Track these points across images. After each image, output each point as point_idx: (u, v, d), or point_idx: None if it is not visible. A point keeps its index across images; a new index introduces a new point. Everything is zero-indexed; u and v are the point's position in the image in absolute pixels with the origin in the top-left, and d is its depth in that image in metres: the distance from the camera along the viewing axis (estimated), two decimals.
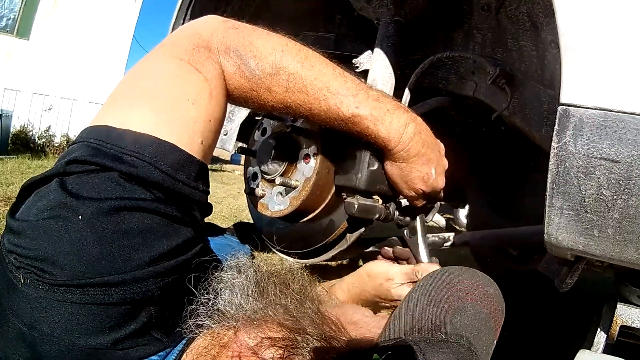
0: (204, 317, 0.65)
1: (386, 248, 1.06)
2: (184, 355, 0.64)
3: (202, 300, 0.66)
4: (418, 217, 1.01)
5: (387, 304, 0.99)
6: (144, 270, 0.60)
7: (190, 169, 0.67)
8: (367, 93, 0.79)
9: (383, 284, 0.97)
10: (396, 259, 1.05)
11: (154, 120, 0.65)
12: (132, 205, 0.60)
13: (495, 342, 0.63)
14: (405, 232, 1.02)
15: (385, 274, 0.97)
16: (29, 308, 0.57)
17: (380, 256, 1.07)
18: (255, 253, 1.11)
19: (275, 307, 0.65)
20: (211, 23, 0.76)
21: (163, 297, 0.63)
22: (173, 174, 0.64)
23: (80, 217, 0.57)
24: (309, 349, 0.59)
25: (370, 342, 0.62)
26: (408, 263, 1.01)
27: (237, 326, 0.64)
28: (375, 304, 1.00)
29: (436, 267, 0.92)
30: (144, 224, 0.61)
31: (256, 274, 0.71)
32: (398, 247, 1.05)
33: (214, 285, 0.68)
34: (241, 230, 1.32)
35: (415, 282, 0.90)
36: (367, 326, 0.70)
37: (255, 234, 1.30)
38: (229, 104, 0.79)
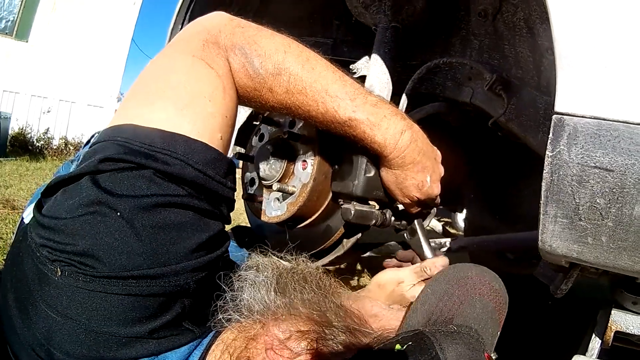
0: (232, 312, 0.69)
1: (387, 260, 1.06)
2: (213, 347, 0.69)
3: (229, 296, 0.70)
4: (416, 220, 1.01)
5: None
6: (183, 264, 0.63)
7: (220, 166, 0.69)
8: (366, 98, 0.80)
9: (395, 290, 0.96)
10: (401, 261, 1.05)
11: (176, 117, 0.67)
12: (168, 201, 0.62)
13: (499, 332, 0.69)
14: (405, 235, 1.02)
15: (395, 279, 0.97)
16: (65, 299, 0.59)
17: (385, 266, 1.07)
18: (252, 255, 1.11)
19: (301, 302, 0.70)
20: (218, 20, 0.77)
21: (196, 290, 0.66)
22: (205, 170, 0.66)
23: (118, 213, 0.59)
24: (336, 341, 0.64)
25: (392, 333, 0.67)
26: (413, 264, 1.01)
27: (264, 320, 0.68)
28: None
29: (444, 259, 0.92)
30: (179, 219, 0.63)
31: (275, 271, 0.76)
32: (400, 251, 1.06)
33: (237, 283, 0.72)
34: (239, 235, 1.32)
35: (427, 279, 0.92)
36: (386, 318, 0.76)
37: (253, 238, 1.30)
38: None
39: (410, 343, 0.59)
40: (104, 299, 0.59)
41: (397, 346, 0.59)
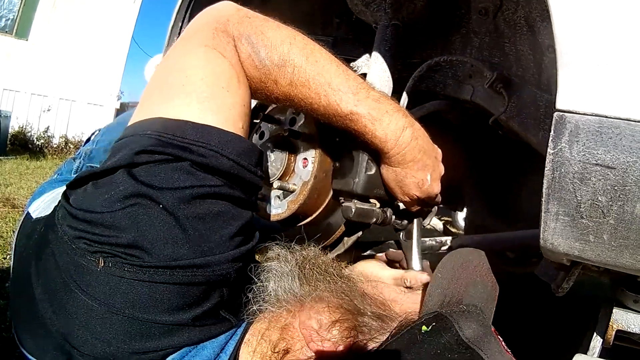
0: (263, 302, 0.73)
1: (380, 254, 1.07)
2: (247, 336, 0.72)
3: (258, 287, 0.74)
4: (415, 221, 1.01)
5: None
6: (225, 254, 0.66)
7: (252, 156, 0.71)
8: (368, 93, 0.80)
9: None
10: (390, 261, 1.07)
11: (200, 110, 0.68)
12: (206, 192, 0.64)
13: (494, 307, 0.77)
14: (401, 235, 1.02)
15: (375, 278, 0.97)
16: (108, 289, 0.61)
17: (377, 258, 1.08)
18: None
19: (328, 291, 0.73)
20: (226, 9, 0.78)
21: (234, 280, 0.69)
22: (239, 161, 0.68)
23: (161, 205, 0.61)
24: (370, 327, 0.69)
25: (414, 316, 0.73)
26: (400, 265, 1.03)
27: (292, 309, 0.72)
28: None
29: (425, 275, 0.92)
30: (217, 208, 0.66)
31: (297, 261, 0.79)
32: (391, 249, 1.06)
33: (264, 274, 0.76)
34: None
35: (406, 287, 0.93)
36: (405, 302, 0.81)
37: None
38: None
39: (434, 324, 0.66)
40: (149, 287, 0.61)
41: (424, 327, 0.66)
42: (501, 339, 0.69)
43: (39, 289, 0.66)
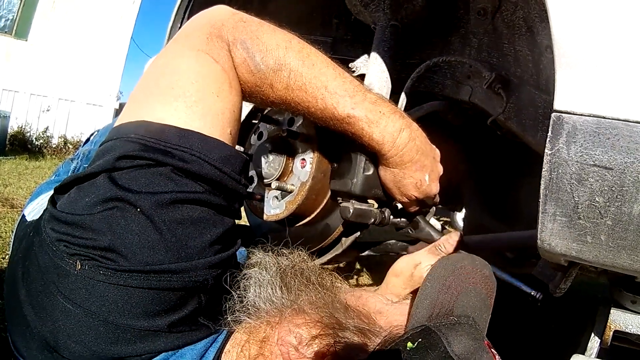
0: (240, 313, 0.71)
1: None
2: (228, 346, 0.70)
3: (236, 296, 0.72)
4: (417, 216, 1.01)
5: None
6: (202, 260, 0.64)
7: (236, 163, 0.70)
8: (365, 95, 0.80)
9: (414, 274, 0.93)
10: None
11: (187, 115, 0.68)
12: (185, 197, 0.64)
13: (490, 316, 0.74)
14: (408, 230, 1.02)
15: (411, 263, 0.94)
16: (85, 292, 0.60)
17: None
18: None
19: (309, 303, 0.71)
20: (221, 13, 0.77)
21: (212, 287, 0.68)
22: (221, 167, 0.67)
23: (138, 209, 0.61)
24: (349, 342, 0.66)
25: (400, 330, 0.69)
26: None
27: (272, 320, 0.70)
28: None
29: (456, 234, 0.92)
30: (196, 214, 0.65)
31: (278, 269, 0.77)
32: (410, 247, 1.05)
33: (243, 282, 0.74)
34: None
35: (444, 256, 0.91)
36: (391, 314, 0.77)
37: (251, 236, 1.30)
38: None
39: (420, 340, 0.62)
40: (124, 292, 0.60)
41: (409, 344, 0.62)
42: (495, 352, 0.66)
43: (23, 290, 0.65)
